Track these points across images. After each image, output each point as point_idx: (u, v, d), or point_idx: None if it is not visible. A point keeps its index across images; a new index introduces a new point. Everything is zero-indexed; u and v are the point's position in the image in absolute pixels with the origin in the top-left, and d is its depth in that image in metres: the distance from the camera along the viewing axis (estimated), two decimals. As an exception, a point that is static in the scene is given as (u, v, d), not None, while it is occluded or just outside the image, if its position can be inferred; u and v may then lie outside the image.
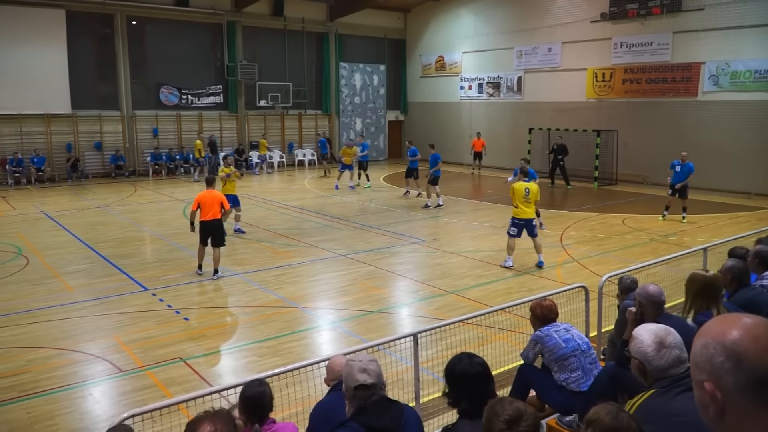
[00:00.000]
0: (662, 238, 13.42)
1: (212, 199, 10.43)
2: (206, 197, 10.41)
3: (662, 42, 21.12)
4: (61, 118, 22.53)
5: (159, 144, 24.46)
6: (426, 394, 5.77)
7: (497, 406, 2.48)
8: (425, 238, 13.52)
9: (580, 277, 10.06)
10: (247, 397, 3.78)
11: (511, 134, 26.15)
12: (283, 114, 28.22)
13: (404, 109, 32.28)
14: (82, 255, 11.94)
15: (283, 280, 10.33)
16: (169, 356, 7.09)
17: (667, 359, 2.72)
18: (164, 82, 24.66)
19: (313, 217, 15.85)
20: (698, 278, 4.41)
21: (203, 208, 10.37)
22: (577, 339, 4.88)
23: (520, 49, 25.87)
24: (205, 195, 10.45)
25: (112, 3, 22.81)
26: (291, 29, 27.74)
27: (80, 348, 7.37)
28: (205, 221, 10.37)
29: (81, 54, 22.65)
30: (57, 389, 6.31)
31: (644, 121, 21.83)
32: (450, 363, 3.27)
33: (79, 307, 8.88)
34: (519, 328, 7.30)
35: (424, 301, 9.38)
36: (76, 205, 17.68)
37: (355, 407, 3.07)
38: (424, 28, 30.55)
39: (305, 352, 7.30)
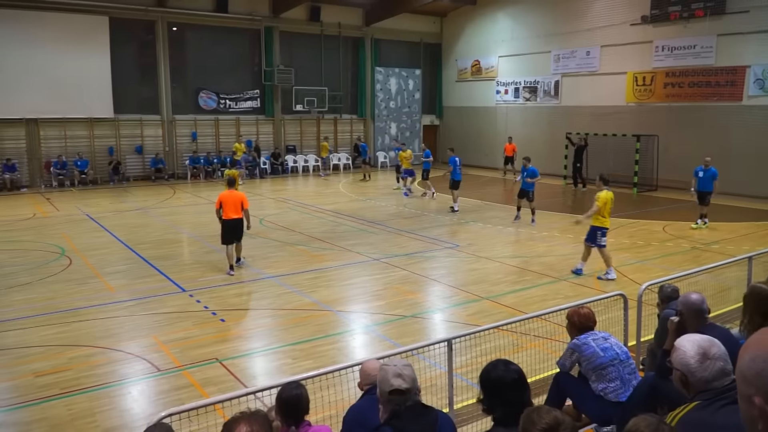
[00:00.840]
0: (704, 246, 13.08)
1: (234, 199, 10.86)
2: (228, 197, 10.86)
3: (705, 45, 20.63)
4: (104, 122, 23.13)
5: (197, 148, 24.89)
6: (460, 401, 5.72)
7: (534, 414, 2.44)
8: (460, 243, 13.44)
9: (618, 284, 9.87)
10: (284, 399, 3.81)
11: (548, 139, 25.84)
12: (319, 118, 28.44)
13: (439, 114, 32.20)
14: (123, 256, 12.21)
15: (317, 283, 10.39)
16: (206, 357, 7.19)
17: (710, 371, 2.63)
18: (203, 87, 25.11)
19: (347, 221, 15.91)
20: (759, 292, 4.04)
21: (225, 207, 10.81)
22: (616, 348, 4.78)
23: (558, 53, 25.57)
24: (227, 195, 10.89)
25: (154, 9, 23.35)
26: (327, 34, 27.97)
27: (120, 347, 7.52)
28: (228, 220, 10.82)
29: (123, 60, 23.24)
30: (97, 387, 6.45)
31: (686, 125, 21.33)
32: (485, 369, 3.23)
33: (119, 306, 9.08)
34: (555, 336, 7.19)
35: (458, 306, 9.32)
36: (117, 207, 18.11)
37: (389, 412, 3.06)
38: (460, 33, 30.45)
39: (339, 355, 7.31)
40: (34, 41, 21.17)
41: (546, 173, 25.32)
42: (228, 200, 10.80)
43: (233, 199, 10.84)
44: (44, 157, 22.21)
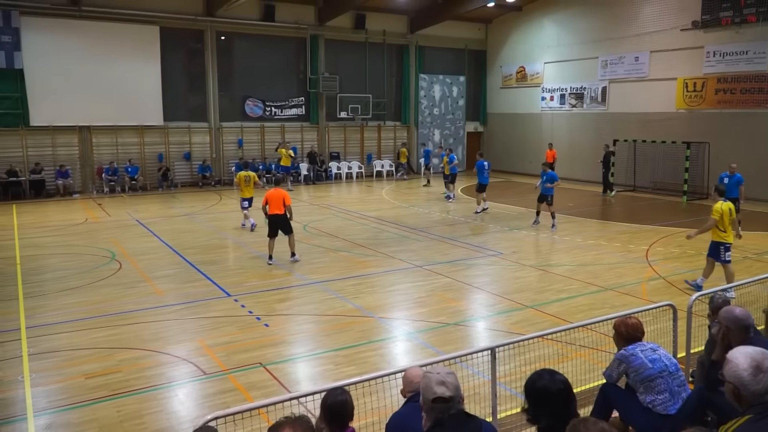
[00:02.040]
0: (757, 255, 12.65)
1: (277, 197, 11.96)
2: (272, 195, 12.05)
3: (758, 51, 19.99)
4: (154, 129, 23.78)
5: (243, 154, 25.34)
6: (503, 410, 5.66)
7: (581, 426, 2.40)
8: (503, 250, 13.31)
9: (667, 295, 9.61)
10: (329, 405, 3.83)
11: (595, 146, 25.37)
12: (363, 125, 28.61)
13: (483, 120, 32.02)
14: (171, 260, 12.51)
15: (360, 289, 10.44)
16: (250, 361, 7.29)
17: (764, 384, 2.56)
18: (249, 95, 25.58)
19: (390, 228, 15.94)
20: None
21: (270, 204, 11.98)
22: (665, 360, 4.67)
23: (605, 59, 25.15)
24: (272, 193, 12.10)
25: (203, 19, 23.94)
26: (372, 42, 28.17)
27: (168, 350, 7.69)
28: (272, 215, 11.98)
29: (173, 68, 23.88)
30: (145, 389, 6.60)
31: (738, 133, 20.68)
32: (530, 379, 3.20)
33: (167, 310, 9.30)
34: (601, 346, 7.05)
35: (501, 314, 9.23)
36: (165, 213, 18.57)
37: (432, 420, 3.05)
38: (505, 39, 30.25)
39: (381, 362, 7.32)
40: (87, 50, 21.94)
41: (592, 181, 24.97)
42: (272, 198, 11.96)
43: (277, 196, 11.94)
44: (96, 164, 22.96)
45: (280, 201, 11.90)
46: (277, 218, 11.94)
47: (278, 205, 11.89)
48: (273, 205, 11.95)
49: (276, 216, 11.93)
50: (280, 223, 11.99)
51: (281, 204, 11.89)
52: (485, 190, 18.08)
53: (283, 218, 11.94)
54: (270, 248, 12.04)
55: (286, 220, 11.98)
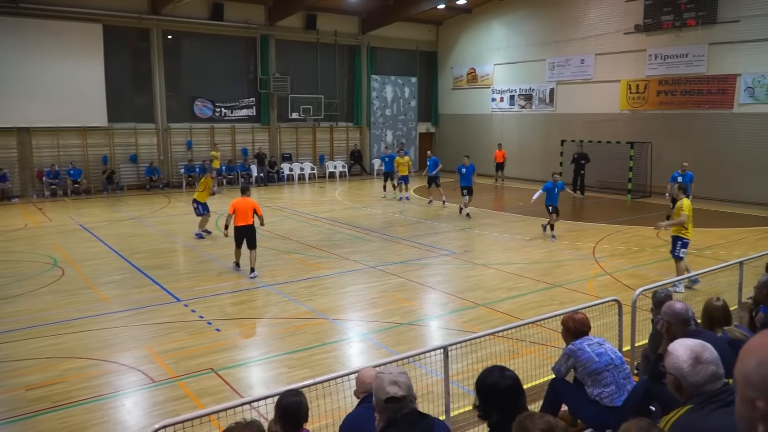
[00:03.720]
0: (697, 251, 13.13)
1: (245, 206, 11.21)
2: (240, 204, 11.22)
3: (697, 54, 20.78)
4: (98, 130, 23.07)
5: (193, 156, 24.86)
6: (456, 408, 5.71)
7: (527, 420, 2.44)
8: (455, 250, 13.46)
9: (613, 290, 9.89)
10: (283, 407, 3.80)
11: (543, 146, 25.96)
12: (315, 126, 28.48)
13: (435, 121, 32.30)
14: (117, 266, 12.17)
15: (313, 291, 10.38)
16: (201, 367, 7.16)
17: (702, 375, 2.65)
18: (198, 95, 25.12)
19: (343, 229, 15.91)
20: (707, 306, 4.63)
21: (237, 214, 11.18)
22: (611, 353, 4.80)
23: (553, 61, 25.71)
24: (240, 201, 11.26)
25: (149, 17, 23.37)
26: (323, 42, 28.06)
27: (114, 358, 7.48)
28: (239, 226, 11.22)
29: (117, 67, 23.21)
30: (91, 399, 6.40)
31: (679, 133, 21.46)
32: (481, 376, 3.24)
33: (113, 317, 9.04)
34: (551, 342, 7.20)
35: (454, 313, 9.32)
36: (111, 217, 18.06)
37: (385, 420, 3.05)
38: (455, 41, 30.58)
39: (335, 364, 7.30)
40: (26, 49, 21.11)
41: (541, 180, 25.43)
42: (239, 207, 11.18)
43: (245, 206, 11.21)
44: (36, 167, 22.11)
45: (249, 211, 11.20)
46: (244, 230, 11.23)
47: (246, 216, 11.19)
48: (240, 215, 11.17)
49: (244, 228, 11.21)
50: (247, 235, 11.26)
51: (250, 214, 11.21)
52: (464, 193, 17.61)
53: (252, 229, 11.27)
54: (237, 255, 11.53)
55: (253, 232, 11.30)
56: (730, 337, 4.44)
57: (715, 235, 14.75)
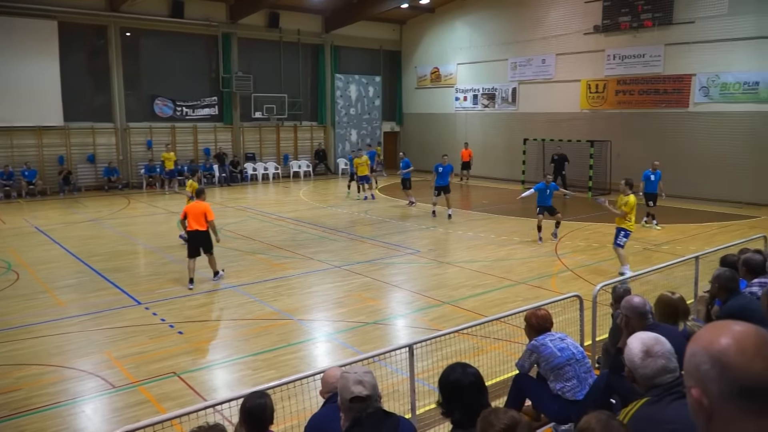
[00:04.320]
0: (655, 246, 13.45)
1: (197, 210, 10.53)
2: (192, 208, 10.60)
3: (654, 54, 21.28)
4: (53, 130, 22.45)
5: (153, 156, 24.39)
6: (422, 406, 5.74)
7: (491, 416, 2.46)
8: (421, 248, 13.51)
9: (574, 286, 10.04)
10: (248, 409, 3.75)
11: (506, 145, 26.27)
12: (279, 125, 28.26)
13: (399, 121, 32.37)
14: (75, 269, 11.86)
15: (278, 292, 10.29)
16: (163, 371, 7.03)
17: (652, 368, 2.73)
18: (158, 94, 24.67)
19: (308, 229, 15.82)
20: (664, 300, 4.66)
21: (189, 218, 10.51)
22: (572, 348, 4.88)
23: (515, 61, 26.02)
24: (192, 206, 10.68)
25: (106, 14, 22.84)
26: (286, 41, 27.85)
27: (72, 364, 7.29)
28: (191, 231, 10.54)
29: (74, 66, 22.64)
30: (49, 407, 6.23)
31: (637, 131, 21.95)
32: (443, 373, 3.26)
33: (71, 322, 8.81)
34: (514, 338, 7.28)
35: (419, 311, 9.35)
36: (68, 219, 17.61)
37: (350, 420, 3.04)
38: (419, 40, 30.70)
39: (301, 364, 7.25)
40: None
41: (504, 178, 25.82)
42: (191, 211, 10.52)
43: (197, 210, 10.50)
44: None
45: (200, 215, 10.45)
46: (197, 235, 10.49)
47: (199, 220, 10.45)
48: (193, 219, 10.43)
49: (195, 233, 10.49)
50: (201, 240, 10.53)
51: (202, 219, 10.46)
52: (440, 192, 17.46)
53: (205, 234, 10.52)
54: (190, 270, 10.48)
55: (207, 236, 10.56)
56: (690, 331, 4.56)
57: (671, 231, 15.13)
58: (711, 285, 5.13)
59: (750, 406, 1.23)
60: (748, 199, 18.93)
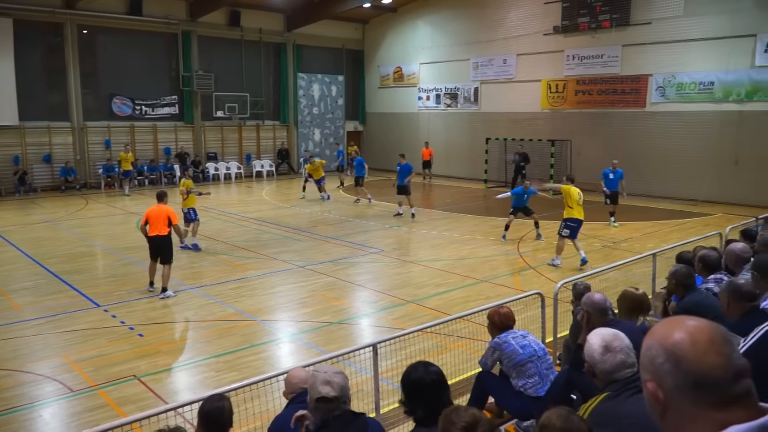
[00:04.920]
0: (614, 244, 13.75)
1: (159, 214, 10.02)
2: (154, 212, 10.07)
3: (612, 54, 21.74)
4: (8, 129, 21.77)
5: (111, 156, 23.86)
6: (386, 404, 5.75)
7: (453, 414, 2.49)
8: (384, 248, 13.54)
9: (536, 284, 10.20)
10: (206, 413, 3.70)
11: (469, 144, 26.51)
12: (241, 125, 27.96)
13: (363, 120, 32.36)
14: (30, 271, 11.54)
15: (240, 293, 10.19)
16: (123, 374, 6.90)
17: (610, 363, 2.79)
18: (117, 93, 24.15)
19: (271, 229, 15.70)
20: (628, 295, 4.82)
21: (151, 223, 10.00)
22: (534, 345, 4.96)
23: (477, 61, 26.26)
24: (154, 210, 10.11)
25: (62, 12, 22.26)
26: (248, 39, 27.57)
27: (29, 368, 7.10)
28: (153, 237, 10.01)
29: (29, 64, 21.99)
30: (4, 412, 6.06)
31: (596, 131, 22.39)
32: (406, 372, 3.28)
33: (27, 325, 8.57)
34: (477, 336, 7.36)
35: (384, 311, 9.38)
36: (23, 220, 17.11)
37: (318, 420, 3.02)
38: (381, 39, 30.74)
39: (264, 365, 7.20)
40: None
41: (467, 177, 26.05)
42: (153, 216, 10.00)
43: (159, 214, 10.00)
44: (-59, 168, 20.74)
45: (163, 220, 9.95)
46: (158, 240, 9.97)
47: (161, 225, 9.95)
48: (153, 224, 9.96)
49: (157, 238, 9.95)
50: (162, 247, 10.03)
51: (165, 223, 9.96)
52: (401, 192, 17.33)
53: (164, 240, 10.03)
54: (151, 273, 10.17)
55: (168, 243, 10.10)
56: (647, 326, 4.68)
57: (629, 229, 15.47)
58: (668, 281, 5.27)
59: (703, 398, 1.27)
60: (704, 197, 19.48)
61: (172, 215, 10.11)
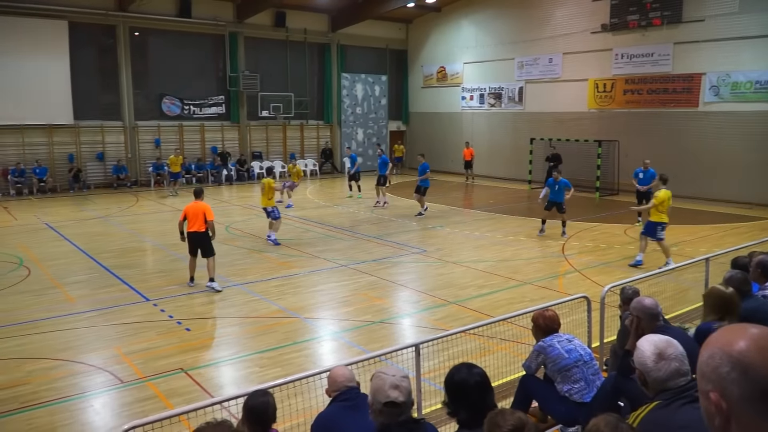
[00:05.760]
0: (664, 248, 13.38)
1: (196, 211, 10.28)
2: (191, 209, 10.32)
3: (663, 53, 21.18)
4: (64, 128, 22.60)
5: (161, 154, 24.49)
6: (428, 405, 5.74)
7: (498, 417, 2.46)
8: (427, 248, 13.50)
9: (582, 287, 10.03)
10: (250, 407, 3.77)
11: (513, 144, 26.21)
12: (285, 124, 28.31)
13: (405, 120, 32.36)
14: (84, 265, 11.94)
15: (284, 290, 10.32)
16: (170, 367, 7.07)
17: (665, 371, 2.71)
18: (166, 93, 24.77)
19: (314, 227, 15.84)
20: (716, 293, 4.57)
21: (189, 219, 10.28)
22: (580, 349, 4.87)
23: (521, 60, 25.95)
24: (191, 206, 10.37)
25: (115, 14, 22.95)
26: (293, 40, 27.89)
27: (81, 359, 7.35)
28: (191, 233, 10.29)
29: (83, 65, 22.76)
30: (58, 401, 6.28)
31: (645, 131, 21.85)
32: (449, 373, 3.26)
33: (80, 317, 8.87)
34: (521, 339, 7.27)
35: (425, 311, 9.35)
36: (77, 216, 17.71)
37: (379, 424, 2.94)
38: (425, 39, 30.67)
39: (306, 362, 7.27)
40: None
41: (511, 178, 25.78)
42: (191, 212, 10.28)
43: (196, 211, 10.27)
44: (1, 165, 21.59)
45: (200, 216, 10.21)
46: (196, 236, 10.26)
47: (199, 222, 10.22)
48: (192, 220, 10.24)
49: (195, 234, 10.25)
50: (198, 242, 10.30)
51: (201, 220, 10.22)
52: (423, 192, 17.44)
53: (204, 236, 10.28)
54: (191, 268, 10.45)
55: (207, 238, 10.30)
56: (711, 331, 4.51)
57: (681, 232, 15.05)
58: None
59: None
60: (759, 200, 18.79)
61: (208, 212, 10.30)
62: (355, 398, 3.94)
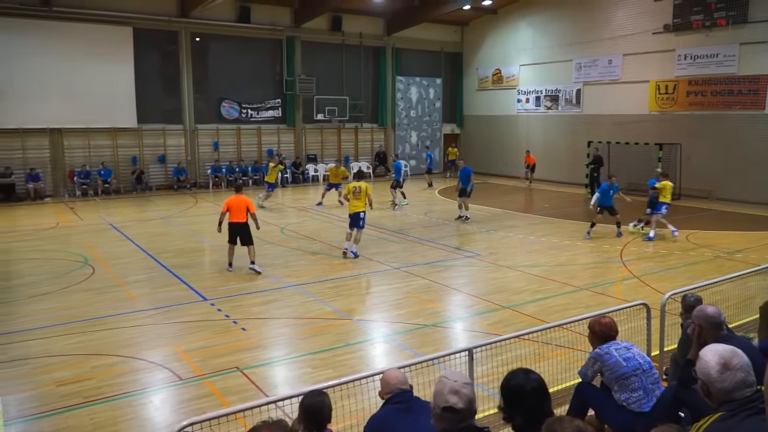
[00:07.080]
0: (728, 255, 12.88)
1: (239, 204, 11.44)
2: (235, 201, 11.47)
3: (728, 54, 20.40)
4: (127, 132, 23.46)
5: (219, 157, 25.14)
6: (481, 410, 5.67)
7: (556, 424, 2.42)
8: (480, 252, 13.39)
9: (640, 294, 9.74)
10: (307, 406, 3.81)
11: (569, 147, 25.71)
12: (340, 127, 28.59)
13: (460, 122, 32.18)
14: (145, 265, 12.35)
15: (337, 292, 10.41)
16: (227, 365, 7.22)
17: (730, 382, 2.60)
18: (225, 97, 25.39)
19: (368, 230, 15.87)
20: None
21: (232, 211, 11.43)
22: (639, 358, 4.73)
23: (580, 62, 25.45)
24: (234, 199, 11.51)
25: (178, 20, 23.70)
26: (348, 44, 28.16)
27: (142, 356, 7.59)
28: (233, 223, 11.47)
29: (147, 70, 23.57)
30: (119, 396, 6.50)
31: (709, 134, 21.08)
32: (506, 378, 3.22)
33: (141, 315, 9.17)
34: (577, 346, 7.12)
35: (479, 315, 9.27)
36: (139, 216, 18.34)
37: (441, 430, 2.88)
38: (481, 41, 30.45)
39: (359, 364, 7.31)
40: (59, 52, 21.53)
41: (567, 182, 25.28)
42: (234, 205, 11.44)
43: (239, 204, 11.44)
44: (68, 167, 22.57)
45: (242, 208, 11.41)
46: (238, 227, 11.46)
47: (240, 213, 11.41)
48: (235, 212, 11.42)
49: (237, 224, 11.45)
50: (240, 232, 11.49)
51: (244, 212, 11.42)
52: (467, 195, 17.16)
53: (244, 227, 11.47)
54: (230, 255, 11.66)
55: (247, 229, 11.49)
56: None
57: (746, 238, 14.46)
58: None
59: None
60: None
61: (249, 205, 11.56)
62: (408, 401, 3.94)
